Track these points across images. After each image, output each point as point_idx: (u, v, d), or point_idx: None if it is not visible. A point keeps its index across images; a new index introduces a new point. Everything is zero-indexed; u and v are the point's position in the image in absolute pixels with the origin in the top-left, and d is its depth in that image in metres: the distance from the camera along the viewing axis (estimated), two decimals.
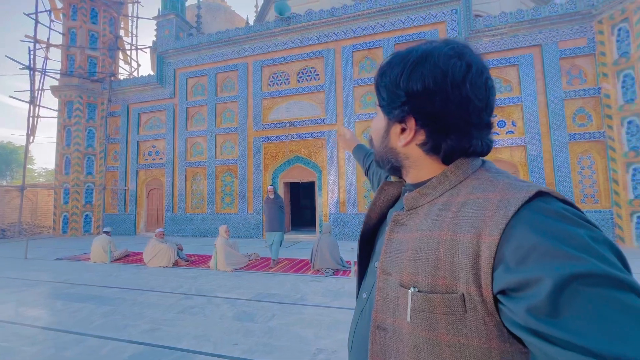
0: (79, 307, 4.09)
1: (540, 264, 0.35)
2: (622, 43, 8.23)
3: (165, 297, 4.49)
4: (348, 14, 10.56)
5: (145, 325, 3.47)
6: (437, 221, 0.48)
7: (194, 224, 11.78)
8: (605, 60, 8.51)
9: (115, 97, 13.43)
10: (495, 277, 0.39)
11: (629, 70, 8.07)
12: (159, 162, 12.73)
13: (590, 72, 8.81)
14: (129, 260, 7.18)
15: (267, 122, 11.45)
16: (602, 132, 8.59)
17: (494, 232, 0.40)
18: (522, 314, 0.36)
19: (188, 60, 12.52)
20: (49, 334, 3.26)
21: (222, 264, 6.10)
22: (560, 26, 8.99)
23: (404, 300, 0.47)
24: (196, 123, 12.44)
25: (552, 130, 8.90)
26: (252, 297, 4.47)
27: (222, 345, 2.98)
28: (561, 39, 8.99)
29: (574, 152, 8.79)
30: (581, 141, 8.76)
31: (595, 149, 8.68)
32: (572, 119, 8.87)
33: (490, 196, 0.44)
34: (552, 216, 0.39)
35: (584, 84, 8.87)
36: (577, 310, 0.33)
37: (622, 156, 8.16)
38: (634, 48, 7.93)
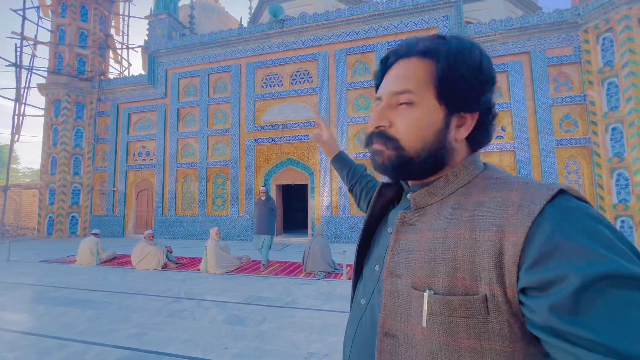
0: (63, 311, 3.97)
1: (567, 262, 0.35)
2: (606, 52, 8.49)
3: (153, 301, 4.39)
4: (342, 18, 10.64)
5: (132, 330, 3.39)
6: (453, 220, 0.46)
7: (184, 226, 11.61)
8: (591, 68, 8.76)
9: (104, 97, 13.19)
10: (520, 276, 0.38)
11: (613, 78, 8.33)
12: (149, 163, 12.53)
13: (577, 80, 9.05)
14: (117, 263, 7.02)
15: (260, 123, 11.40)
16: (588, 138, 8.82)
17: (520, 230, 0.39)
18: (544, 312, 0.35)
19: (180, 60, 12.40)
20: (31, 339, 3.15)
21: (213, 266, 6.02)
22: (548, 34, 9.22)
23: (418, 303, 0.44)
24: (188, 124, 12.31)
25: (540, 135, 9.10)
26: (243, 300, 4.41)
27: (212, 350, 2.92)
28: (549, 47, 9.22)
29: (561, 157, 9.00)
30: (568, 147, 8.97)
31: (581, 155, 8.90)
32: (559, 125, 9.09)
33: (510, 195, 0.43)
34: (576, 214, 0.38)
35: (570, 91, 9.11)
36: (602, 309, 0.32)
37: (607, 162, 8.39)
38: (618, 57, 8.19)
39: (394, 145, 0.51)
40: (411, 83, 0.51)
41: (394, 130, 0.52)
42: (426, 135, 0.50)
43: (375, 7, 10.40)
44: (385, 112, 0.52)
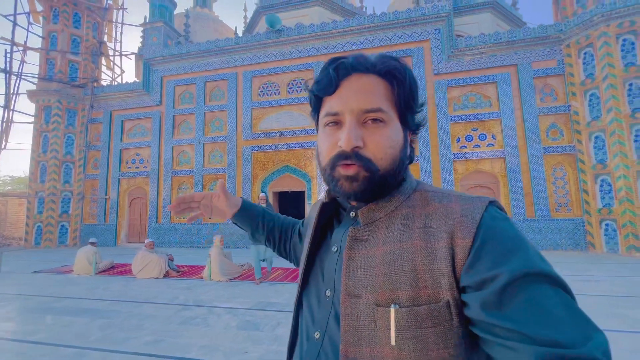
0: (71, 321, 3.92)
1: (500, 263, 0.39)
2: (587, 65, 9.04)
3: (162, 309, 4.39)
4: (337, 29, 10.95)
5: (148, 337, 3.40)
6: (406, 232, 0.47)
7: (179, 234, 11.48)
8: (574, 80, 9.30)
9: (97, 104, 13.02)
10: (462, 276, 0.42)
11: (594, 90, 8.86)
12: (143, 171, 12.39)
13: (561, 91, 9.57)
14: (116, 272, 6.91)
15: (257, 131, 11.49)
16: (573, 146, 9.30)
17: (467, 236, 0.43)
18: (476, 309, 0.39)
19: (176, 68, 12.42)
20: (46, 349, 3.12)
21: (217, 274, 6.02)
22: (534, 48, 9.75)
23: (384, 321, 0.43)
24: (183, 131, 12.28)
25: (529, 143, 9.53)
26: (253, 306, 4.45)
27: (233, 354, 2.98)
28: (534, 60, 9.74)
29: (549, 164, 9.44)
30: (554, 154, 9.43)
31: (567, 162, 9.36)
32: (546, 134, 9.56)
33: (451, 206, 0.47)
34: (504, 223, 0.44)
35: (555, 102, 9.61)
36: (521, 302, 0.37)
37: (591, 168, 8.86)
38: (598, 70, 8.73)
39: (369, 167, 0.49)
40: (382, 102, 0.50)
41: (367, 150, 0.49)
42: (396, 155, 0.51)
43: (370, 19, 10.76)
44: (360, 132, 0.50)
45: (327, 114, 0.52)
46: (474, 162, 9.93)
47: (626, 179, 8.17)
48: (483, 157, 9.86)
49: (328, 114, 0.52)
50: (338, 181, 0.51)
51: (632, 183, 8.13)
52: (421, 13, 10.34)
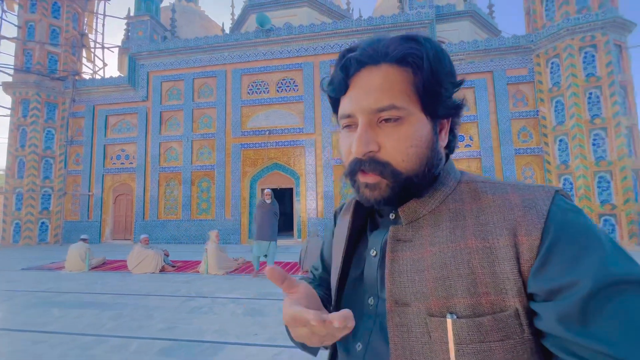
0: (80, 313, 4.10)
1: (577, 267, 0.33)
2: (554, 74, 9.90)
3: (167, 300, 4.63)
4: (326, 31, 11.28)
5: (160, 325, 3.66)
6: (457, 230, 0.42)
7: (167, 231, 11.50)
8: (542, 87, 10.16)
9: (79, 97, 12.68)
10: (530, 279, 0.36)
11: (560, 97, 9.74)
12: (129, 167, 12.25)
13: (531, 97, 10.42)
14: (109, 268, 6.99)
15: (246, 129, 11.67)
16: (540, 147, 10.18)
17: (533, 232, 0.37)
18: (551, 321, 0.33)
19: (163, 63, 12.31)
20: (64, 337, 3.33)
21: (214, 267, 6.27)
22: (508, 57, 10.53)
23: (440, 333, 0.38)
24: (171, 127, 12.23)
25: (502, 145, 10.33)
26: (254, 296, 4.79)
27: (244, 337, 3.32)
28: (508, 68, 10.52)
29: (519, 164, 10.28)
30: (524, 155, 10.29)
31: (535, 162, 10.24)
32: (517, 136, 10.39)
33: (509, 197, 0.41)
34: (577, 215, 0.38)
35: (525, 107, 10.46)
36: (611, 317, 0.30)
37: (555, 168, 9.76)
38: (563, 79, 9.60)
39: (389, 172, 0.45)
40: (394, 97, 0.44)
41: (384, 153, 0.45)
42: (421, 152, 0.45)
43: (357, 23, 11.17)
44: (370, 134, 0.45)
45: (341, 116, 0.48)
46: (454, 161, 10.61)
47: (585, 178, 9.10)
48: (461, 157, 10.57)
49: (342, 116, 0.48)
50: (359, 189, 0.47)
51: (590, 182, 9.07)
52: (405, 19, 10.87)
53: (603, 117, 9.02)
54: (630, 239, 8.58)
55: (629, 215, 8.64)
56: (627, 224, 8.64)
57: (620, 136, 8.82)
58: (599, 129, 9.05)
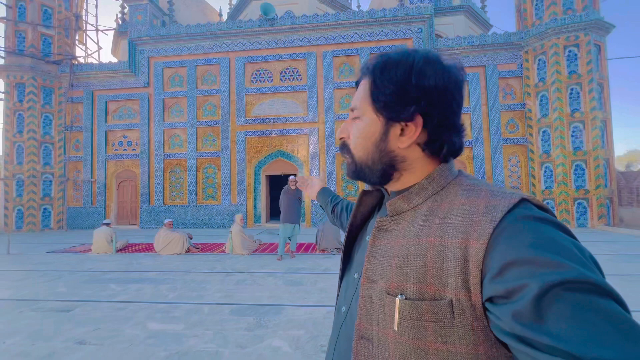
0: (138, 287, 4.60)
1: (527, 271, 0.36)
2: (540, 70, 10.75)
3: (210, 275, 5.19)
4: (329, 22, 11.57)
5: (218, 294, 4.24)
6: (424, 227, 0.48)
7: (173, 216, 11.84)
8: (529, 82, 11.01)
9: (77, 82, 12.48)
10: (485, 284, 0.40)
11: (545, 92, 10.64)
12: (132, 153, 12.35)
13: (519, 91, 11.28)
14: (133, 250, 7.40)
15: (250, 117, 11.97)
16: (525, 138, 11.14)
17: (482, 237, 0.41)
18: (507, 320, 0.36)
19: (164, 49, 12.26)
20: (140, 305, 3.85)
21: (239, 248, 6.83)
22: (499, 52, 11.27)
23: (391, 308, 0.47)
24: (174, 114, 12.34)
25: (492, 135, 11.22)
26: (286, 271, 5.42)
27: (296, 300, 3.96)
28: (499, 63, 11.28)
29: (506, 153, 11.24)
30: (511, 145, 11.23)
31: (520, 151, 11.22)
32: (505, 127, 11.30)
33: (476, 202, 0.45)
34: (534, 223, 0.40)
35: (514, 100, 11.32)
36: (560, 315, 0.33)
37: (538, 157, 10.78)
38: (548, 75, 10.47)
39: (348, 155, 0.59)
40: (357, 100, 0.57)
41: (349, 141, 0.58)
42: (367, 145, 0.55)
43: (359, 15, 11.53)
44: (348, 126, 0.59)
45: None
46: None
47: (564, 166, 10.16)
48: None
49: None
50: None
51: (568, 170, 10.14)
52: (406, 13, 11.32)
53: (582, 111, 10.01)
54: (599, 220, 9.78)
55: (599, 199, 9.81)
56: (597, 206, 9.82)
57: (596, 129, 9.86)
58: (578, 122, 10.05)
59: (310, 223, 11.50)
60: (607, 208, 9.90)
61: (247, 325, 3.19)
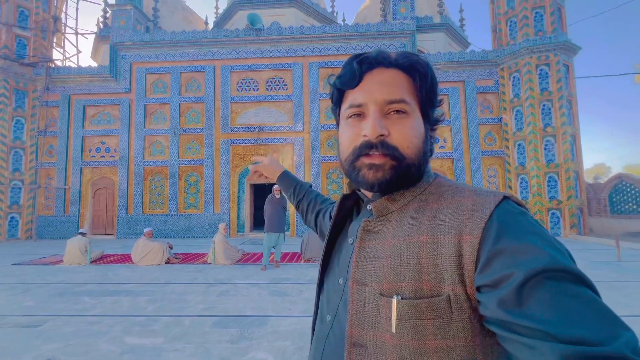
0: (115, 300, 4.38)
1: (513, 261, 0.38)
2: (515, 87, 11.35)
3: (191, 286, 5.02)
4: (315, 34, 11.81)
5: (200, 306, 4.10)
6: (414, 226, 0.48)
7: (153, 225, 11.43)
8: (505, 98, 11.59)
9: (53, 86, 12.02)
10: (475, 276, 0.41)
11: (519, 107, 11.21)
12: (110, 160, 11.92)
13: (495, 106, 11.83)
14: (109, 261, 7.07)
15: (235, 125, 11.89)
16: (502, 150, 11.64)
17: (475, 232, 0.42)
18: (494, 307, 0.38)
19: (148, 55, 12.07)
20: (117, 318, 3.67)
21: (222, 258, 6.67)
22: (477, 68, 11.83)
23: (387, 310, 0.45)
24: (156, 121, 12.08)
25: (471, 147, 11.65)
26: (270, 281, 5.32)
27: (280, 311, 3.89)
28: (477, 78, 11.83)
29: (485, 164, 11.68)
30: (489, 157, 11.70)
31: (497, 163, 11.70)
32: (484, 140, 11.77)
33: (463, 201, 0.47)
34: (518, 217, 0.43)
35: (491, 114, 11.85)
36: (540, 300, 0.35)
37: (514, 169, 11.26)
38: (523, 92, 11.07)
39: (394, 155, 0.51)
40: (405, 93, 0.52)
41: (392, 139, 0.51)
42: (420, 144, 0.52)
43: (345, 29, 11.84)
44: (384, 122, 0.51)
45: (350, 105, 0.54)
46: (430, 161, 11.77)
47: (538, 178, 10.66)
48: (436, 157, 11.73)
49: (352, 105, 0.53)
50: (360, 170, 0.52)
51: (542, 181, 10.64)
52: (389, 29, 11.73)
53: (553, 126, 10.60)
54: (571, 229, 10.26)
55: (570, 209, 10.32)
56: (569, 216, 10.32)
57: (566, 142, 10.45)
58: (550, 136, 10.62)
59: (295, 232, 11.41)
60: (578, 218, 10.42)
61: (231, 338, 3.10)
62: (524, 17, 11.12)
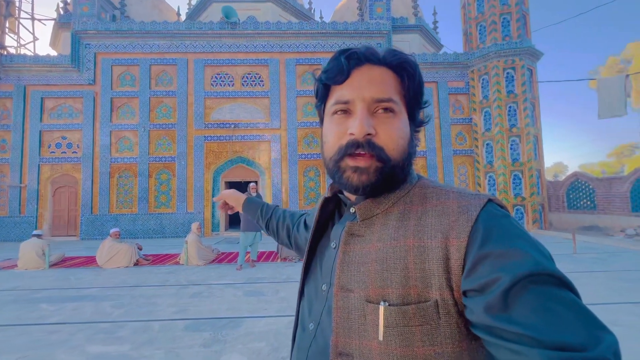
0: (76, 306, 4.11)
1: (499, 265, 0.38)
2: (484, 89, 11.87)
3: (161, 289, 4.81)
4: (293, 30, 11.68)
5: (171, 309, 3.95)
6: (400, 230, 0.47)
7: (121, 225, 10.86)
8: (475, 99, 12.09)
9: (5, 75, 11.03)
10: (462, 279, 0.41)
11: (488, 108, 11.75)
12: (73, 156, 11.16)
13: (466, 106, 12.32)
14: (71, 265, 6.63)
15: (209, 121, 11.53)
16: (472, 149, 12.16)
17: (462, 235, 0.42)
18: (479, 312, 0.38)
19: (114, 45, 11.38)
20: (79, 326, 3.44)
21: (195, 258, 6.46)
22: (449, 70, 12.24)
23: (374, 317, 0.44)
24: (124, 115, 11.44)
25: (443, 146, 12.07)
26: (246, 281, 5.23)
27: (256, 311, 3.83)
28: (450, 80, 12.25)
29: (456, 163, 12.15)
30: (460, 155, 12.18)
31: (467, 162, 12.21)
32: (455, 139, 12.23)
33: (448, 203, 0.46)
34: (503, 221, 0.43)
35: (462, 114, 12.33)
36: (526, 305, 0.35)
37: (483, 167, 11.81)
38: (491, 94, 11.60)
39: (380, 157, 0.49)
40: (393, 92, 0.50)
41: (378, 139, 0.49)
42: (406, 145, 0.51)
43: (322, 26, 11.81)
44: (372, 121, 0.49)
45: (336, 102, 0.52)
46: None
47: (504, 175, 11.25)
48: None
49: (338, 102, 0.51)
50: (344, 173, 0.51)
51: (508, 179, 11.24)
52: (366, 28, 11.84)
53: (518, 126, 11.21)
54: (534, 224, 10.94)
55: (533, 205, 10.99)
56: (532, 212, 10.99)
57: (530, 142, 11.10)
58: (515, 136, 11.23)
59: None
60: (540, 213, 11.13)
61: (204, 341, 3.00)
62: (493, 22, 11.64)
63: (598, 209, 10.59)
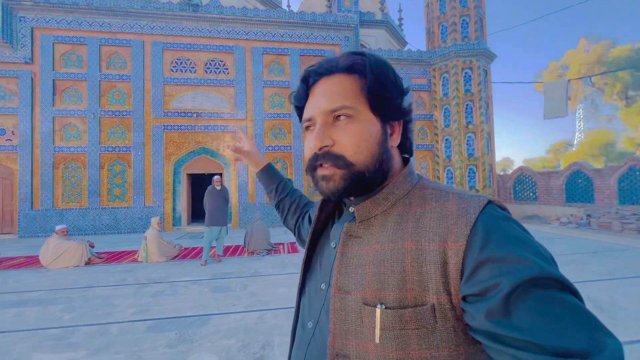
0: (18, 312, 3.72)
1: (499, 270, 0.37)
2: (444, 87, 12.50)
3: (119, 289, 4.51)
4: (259, 17, 11.28)
5: (131, 310, 3.72)
6: (398, 232, 0.47)
7: (68, 221, 9.93)
8: (436, 96, 12.69)
9: None
10: (462, 284, 0.40)
11: (447, 105, 12.41)
12: (7, 144, 9.89)
13: (428, 103, 12.90)
14: (9, 266, 5.95)
15: (169, 109, 10.85)
16: (432, 144, 12.81)
17: (460, 239, 0.41)
18: (480, 318, 0.37)
19: (56, 20, 10.16)
20: (24, 334, 3.12)
21: (155, 255, 6.12)
22: (413, 67, 12.68)
23: (370, 320, 0.44)
24: (69, 100, 10.34)
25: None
26: (212, 277, 5.08)
27: (224, 308, 3.75)
28: (413, 76, 12.70)
29: (418, 157, 12.72)
30: (422, 150, 12.77)
31: (428, 156, 12.85)
32: (417, 134, 12.78)
33: (447, 205, 0.46)
34: (503, 223, 0.42)
35: (424, 111, 12.90)
36: (528, 310, 0.35)
37: (442, 162, 12.51)
38: (450, 92, 12.25)
39: (343, 164, 0.50)
40: (345, 98, 0.51)
41: (338, 147, 0.50)
42: (371, 146, 0.50)
43: (290, 15, 11.55)
44: (326, 131, 0.51)
45: (303, 120, 0.55)
46: None
47: (461, 169, 12.03)
48: None
49: (304, 120, 0.55)
50: (317, 182, 0.53)
51: (464, 172, 12.05)
52: (334, 20, 11.80)
53: (474, 123, 12.00)
54: None
55: None
56: None
57: (483, 139, 11.95)
58: (471, 133, 12.02)
59: (237, 224, 11.02)
60: None
61: (169, 342, 2.88)
62: (453, 23, 12.22)
63: (539, 200, 11.78)
